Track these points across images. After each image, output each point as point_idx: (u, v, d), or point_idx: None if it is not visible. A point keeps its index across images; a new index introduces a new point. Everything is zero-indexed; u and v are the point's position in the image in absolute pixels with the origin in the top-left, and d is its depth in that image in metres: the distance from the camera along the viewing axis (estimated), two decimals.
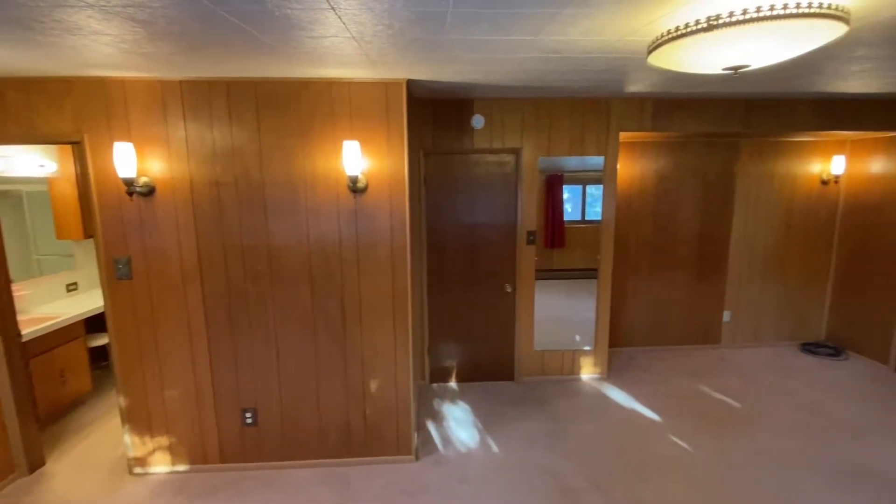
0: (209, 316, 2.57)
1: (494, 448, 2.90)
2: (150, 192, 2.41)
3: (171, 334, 2.57)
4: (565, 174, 3.68)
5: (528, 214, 3.58)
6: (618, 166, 3.61)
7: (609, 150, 3.52)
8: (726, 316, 4.47)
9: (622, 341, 4.46)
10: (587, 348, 3.85)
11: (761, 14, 1.14)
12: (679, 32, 1.29)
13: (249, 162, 2.44)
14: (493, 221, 3.64)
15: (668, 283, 4.38)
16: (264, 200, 2.48)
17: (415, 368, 2.95)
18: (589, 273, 3.77)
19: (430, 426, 3.17)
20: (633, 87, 2.95)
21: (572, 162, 3.61)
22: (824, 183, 4.31)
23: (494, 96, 3.27)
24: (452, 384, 3.82)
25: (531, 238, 3.61)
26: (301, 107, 2.40)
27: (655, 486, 2.53)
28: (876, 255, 4.05)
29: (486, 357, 3.82)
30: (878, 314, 4.03)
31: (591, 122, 3.48)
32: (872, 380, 3.79)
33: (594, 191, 3.66)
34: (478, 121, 3.37)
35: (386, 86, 2.42)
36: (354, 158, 2.32)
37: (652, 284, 4.38)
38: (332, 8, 1.34)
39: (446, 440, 3.00)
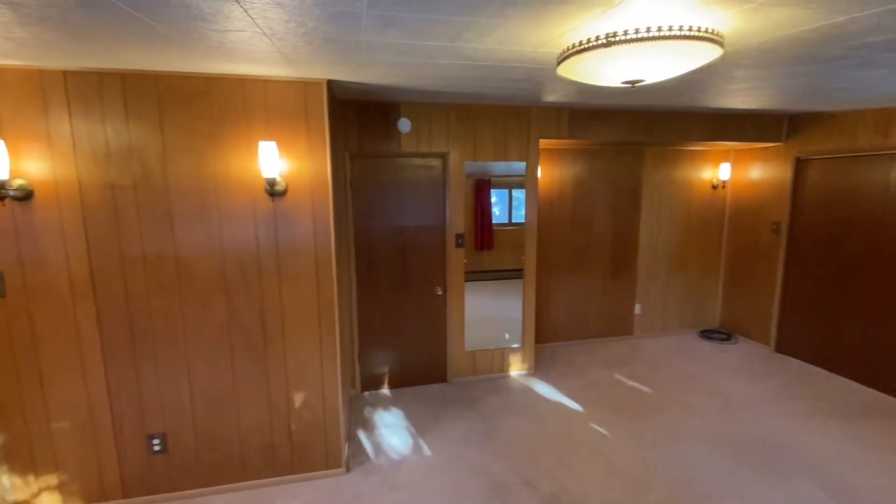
0: (105, 335, 2.29)
1: (427, 451, 2.90)
2: (26, 196, 2.11)
3: (57, 357, 2.26)
4: (492, 178, 3.80)
5: (457, 217, 3.64)
6: (539, 171, 3.79)
7: (530, 157, 3.69)
8: (638, 309, 4.87)
9: (547, 337, 4.68)
10: (515, 346, 3.99)
11: (651, 34, 1.26)
12: (582, 47, 1.38)
13: (151, 163, 2.22)
14: (423, 225, 3.65)
15: (587, 280, 4.68)
16: (170, 205, 2.27)
17: (344, 378, 2.87)
18: (517, 273, 3.91)
19: (362, 436, 3.09)
20: (550, 97, 3.11)
21: (498, 167, 3.73)
22: (714, 188, 4.86)
23: (421, 100, 3.29)
24: (385, 391, 3.76)
25: (460, 241, 3.67)
26: (211, 104, 2.24)
27: (578, 472, 2.68)
28: (755, 251, 4.64)
29: (418, 361, 3.81)
30: (759, 302, 4.62)
31: (513, 129, 3.62)
32: (758, 359, 4.33)
33: (519, 195, 3.82)
34: (404, 124, 3.36)
35: (305, 85, 2.33)
36: (271, 160, 2.20)
37: (572, 282, 4.65)
38: (236, 0, 1.26)
39: (378, 448, 2.94)
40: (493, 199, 3.92)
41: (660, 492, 2.51)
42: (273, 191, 2.32)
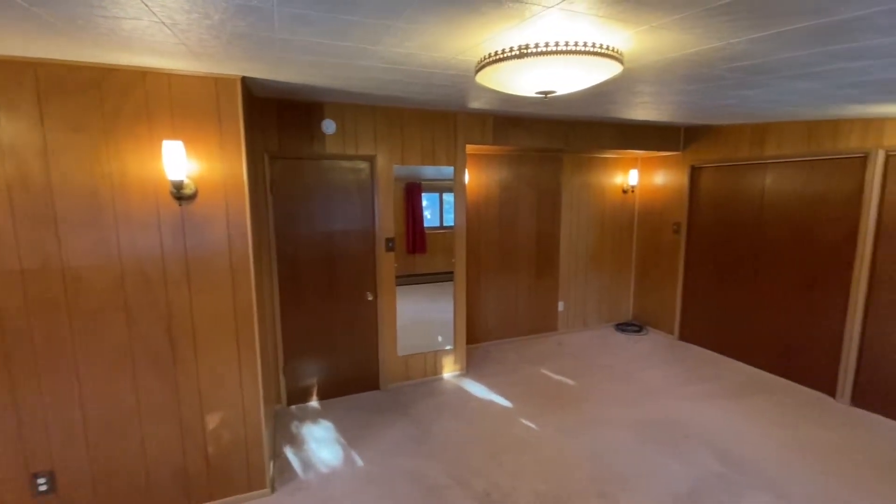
0: None
1: (359, 462, 2.83)
2: None
3: None
4: (423, 182, 3.81)
5: (387, 221, 3.60)
6: (467, 176, 3.88)
7: (458, 161, 3.76)
8: (561, 306, 5.15)
9: (479, 337, 4.79)
10: (448, 348, 4.03)
11: (560, 48, 1.34)
12: (497, 57, 1.44)
13: (29, 162, 1.94)
14: (351, 229, 3.57)
15: (514, 280, 4.87)
16: (54, 210, 2.00)
17: (267, 392, 2.71)
18: (450, 276, 3.96)
19: (289, 452, 2.94)
20: (475, 104, 3.20)
21: (429, 171, 3.76)
22: (625, 192, 5.30)
23: (346, 101, 3.22)
24: (314, 403, 3.61)
25: (390, 245, 3.64)
26: (104, 97, 2.01)
27: (509, 467, 2.77)
28: (660, 250, 5.12)
29: (349, 369, 3.71)
30: (664, 296, 5.10)
31: (441, 133, 3.67)
32: (665, 348, 4.77)
33: (450, 198, 3.87)
34: (329, 126, 3.27)
35: (216, 81, 2.18)
36: (177, 161, 2.03)
37: (501, 283, 4.80)
38: None
39: (307, 464, 2.81)
40: (425, 203, 3.94)
41: (583, 477, 2.67)
42: (180, 194, 2.14)
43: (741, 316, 4.32)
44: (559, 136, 4.13)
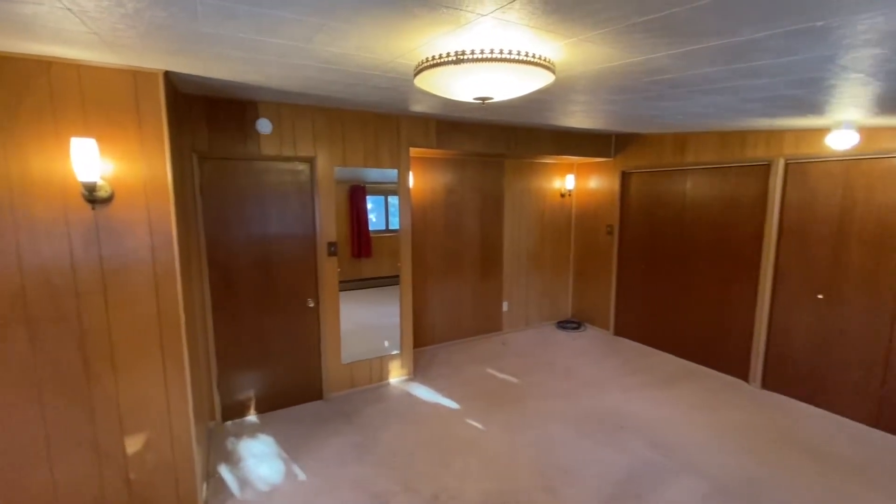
0: None
1: (301, 475, 2.72)
2: None
3: None
4: (368, 185, 3.76)
5: (328, 225, 3.51)
6: (411, 179, 3.87)
7: (401, 164, 3.74)
8: (505, 306, 5.28)
9: (426, 340, 4.79)
10: (395, 352, 3.99)
11: (495, 56, 1.38)
12: (434, 61, 1.45)
13: None
14: (290, 233, 3.43)
15: (460, 282, 4.92)
16: None
17: (198, 410, 2.53)
18: (396, 280, 3.92)
19: (224, 471, 2.76)
20: (418, 107, 3.20)
21: (373, 173, 3.71)
22: (562, 196, 5.54)
23: (283, 101, 3.10)
24: (252, 417, 3.43)
25: (332, 249, 3.54)
26: None
27: (456, 468, 2.78)
28: (595, 250, 5.41)
29: (289, 380, 3.56)
30: (600, 294, 5.39)
31: (384, 135, 3.64)
32: (601, 343, 5.03)
33: (396, 201, 3.84)
34: (264, 125, 3.13)
35: (135, 75, 2.01)
36: (89, 161, 1.85)
37: (448, 285, 4.84)
38: None
39: (245, 482, 2.66)
40: (370, 206, 3.88)
41: (528, 473, 2.74)
42: (93, 197, 1.95)
43: (668, 311, 4.66)
44: (501, 142, 4.24)
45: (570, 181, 5.48)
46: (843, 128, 2.92)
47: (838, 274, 3.38)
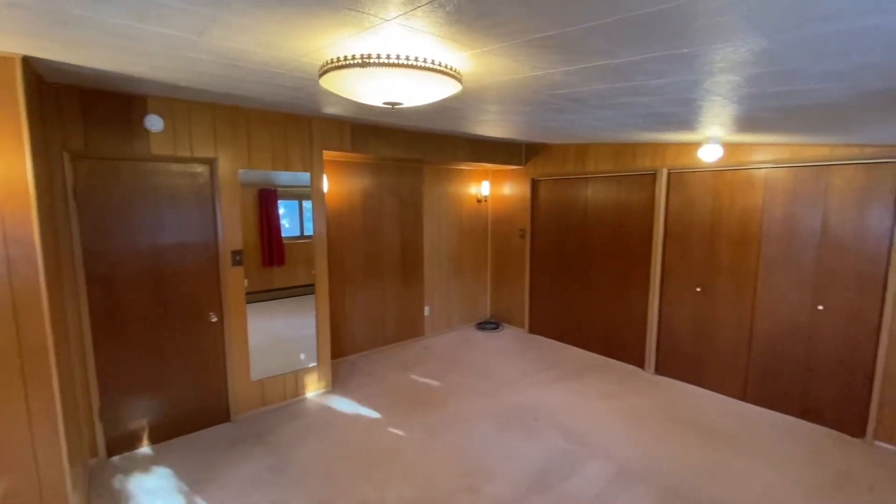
0: None
1: None
2: None
3: None
4: (279, 189, 3.55)
5: (232, 232, 3.25)
6: (326, 183, 3.73)
7: (314, 167, 3.60)
8: (427, 311, 5.31)
9: (346, 350, 4.64)
10: (311, 365, 3.81)
11: (401, 62, 1.38)
12: (339, 63, 1.41)
13: None
14: (187, 242, 3.13)
15: (381, 288, 4.85)
16: None
17: (74, 447, 2.19)
18: (312, 289, 3.74)
19: None
20: (331, 109, 3.11)
21: (285, 177, 3.51)
22: (479, 201, 5.73)
23: (178, 97, 2.82)
24: (145, 449, 3.05)
25: (238, 258, 3.29)
26: None
27: (378, 478, 2.72)
28: (510, 253, 5.66)
29: (190, 403, 3.23)
30: (515, 294, 5.64)
31: (295, 137, 3.47)
32: (518, 341, 5.26)
33: (311, 205, 3.67)
34: (154, 122, 2.82)
35: None
36: None
37: (367, 292, 4.74)
38: None
39: None
40: (282, 211, 3.67)
41: (450, 474, 2.76)
42: None
43: (575, 308, 5.01)
44: (417, 147, 4.26)
45: (485, 187, 5.68)
46: (710, 143, 3.38)
47: (712, 269, 3.88)
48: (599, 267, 4.75)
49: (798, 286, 3.42)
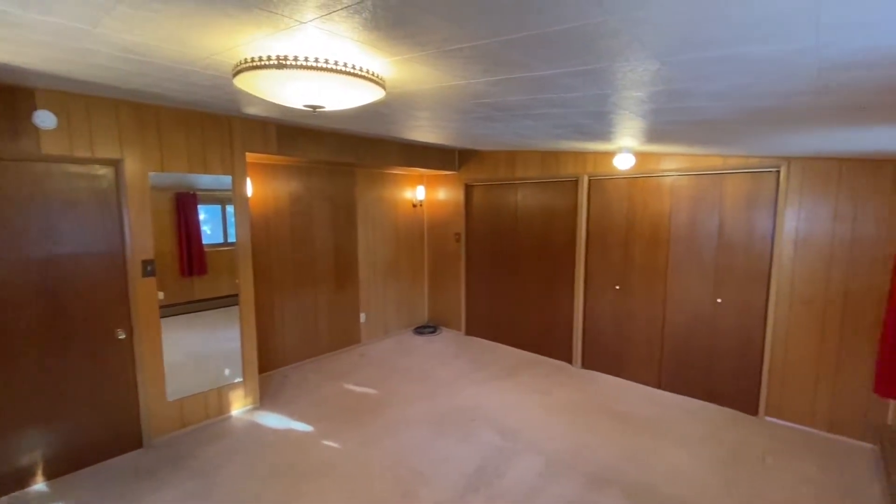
0: None
1: None
2: None
3: None
4: (200, 192, 3.31)
5: (142, 240, 2.98)
6: (250, 186, 3.55)
7: (236, 170, 3.41)
8: (363, 317, 5.21)
9: (277, 362, 4.42)
10: (237, 380, 3.59)
11: (320, 65, 1.35)
12: (255, 63, 1.36)
13: None
14: (88, 252, 2.82)
15: (313, 296, 4.69)
16: None
17: None
18: (238, 299, 3.52)
19: None
20: (252, 110, 2.96)
21: (205, 180, 3.29)
22: (414, 206, 5.74)
23: (75, 91, 2.54)
24: (40, 486, 2.70)
25: (149, 268, 3.02)
26: None
27: (311, 494, 2.62)
28: (446, 257, 5.73)
29: (95, 431, 2.91)
30: (452, 297, 5.72)
31: (214, 138, 3.26)
32: (455, 343, 5.32)
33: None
34: (45, 118, 2.52)
35: None
36: None
37: (299, 300, 4.56)
38: None
39: None
40: (203, 216, 3.43)
41: (386, 483, 2.73)
42: None
43: (508, 308, 5.19)
44: (349, 151, 4.19)
45: (420, 192, 5.71)
46: (623, 152, 3.66)
47: (628, 269, 4.20)
48: (530, 268, 4.95)
49: (701, 282, 3.80)
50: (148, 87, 2.30)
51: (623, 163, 3.70)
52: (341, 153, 4.12)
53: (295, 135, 3.74)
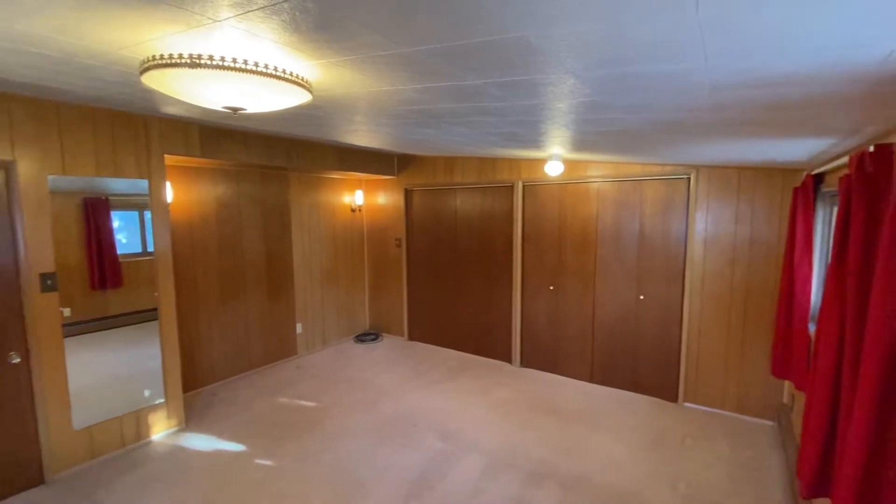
0: None
1: None
2: None
3: None
4: (112, 197, 3.02)
5: (40, 250, 2.67)
6: (170, 191, 3.30)
7: (153, 174, 3.16)
8: (299, 328, 5.02)
9: (204, 380, 4.13)
10: (159, 402, 3.30)
11: (238, 66, 1.30)
12: (165, 61, 1.27)
13: None
14: None
15: (243, 307, 4.44)
16: None
17: None
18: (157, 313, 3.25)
19: None
20: (171, 109, 2.77)
21: (120, 184, 3.01)
22: (353, 211, 5.64)
23: None
24: None
25: (50, 282, 2.71)
26: None
27: None
28: (387, 262, 5.68)
29: None
30: (394, 303, 5.67)
31: (127, 139, 3.00)
32: (397, 350, 5.28)
33: None
34: None
35: None
36: None
37: (227, 312, 4.30)
38: None
39: None
40: (117, 224, 3.13)
41: (323, 497, 2.63)
42: None
43: (449, 312, 5.24)
44: (281, 154, 4.03)
45: (359, 196, 5.61)
46: (553, 159, 3.85)
47: (561, 270, 4.41)
48: (470, 271, 5.04)
49: (625, 281, 4.07)
50: (42, 80, 2.07)
51: (553, 169, 3.88)
52: (272, 156, 3.96)
53: (220, 136, 3.54)
